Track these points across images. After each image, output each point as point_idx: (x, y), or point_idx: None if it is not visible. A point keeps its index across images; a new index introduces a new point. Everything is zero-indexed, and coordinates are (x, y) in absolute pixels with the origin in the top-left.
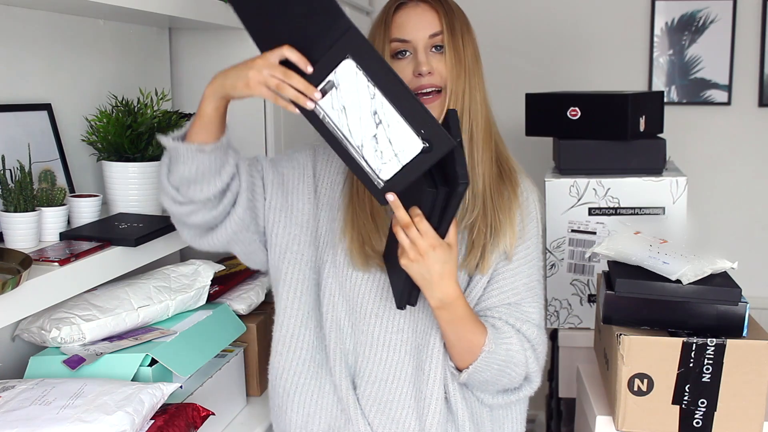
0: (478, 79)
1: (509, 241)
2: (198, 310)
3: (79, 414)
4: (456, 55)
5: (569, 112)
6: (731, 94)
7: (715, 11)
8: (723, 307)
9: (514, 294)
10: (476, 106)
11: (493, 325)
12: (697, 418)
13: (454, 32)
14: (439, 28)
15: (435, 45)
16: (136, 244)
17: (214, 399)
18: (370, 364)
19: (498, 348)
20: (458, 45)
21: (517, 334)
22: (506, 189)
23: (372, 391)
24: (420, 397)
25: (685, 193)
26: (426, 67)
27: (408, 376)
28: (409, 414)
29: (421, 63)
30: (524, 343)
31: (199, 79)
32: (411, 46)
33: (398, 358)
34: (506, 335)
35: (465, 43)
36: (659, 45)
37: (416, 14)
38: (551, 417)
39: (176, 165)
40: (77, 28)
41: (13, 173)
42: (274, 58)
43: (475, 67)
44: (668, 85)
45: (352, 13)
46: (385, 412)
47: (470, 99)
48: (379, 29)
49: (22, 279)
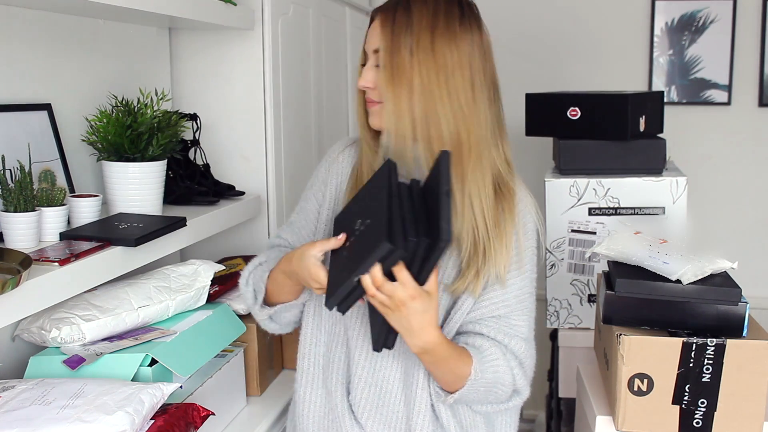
0: (441, 101)
1: (503, 265)
2: (198, 310)
3: (79, 414)
4: (390, 74)
5: (569, 112)
6: (731, 94)
7: (715, 11)
8: (723, 307)
9: (504, 306)
10: (439, 130)
11: (478, 346)
12: (697, 418)
13: (393, 50)
14: (377, 45)
15: (378, 62)
16: (136, 244)
17: (214, 399)
18: (364, 370)
19: (484, 373)
20: (398, 63)
21: (503, 353)
22: (502, 210)
23: (364, 395)
24: (409, 400)
25: (685, 193)
26: (362, 81)
27: (397, 381)
28: (400, 417)
29: (360, 76)
30: (511, 361)
31: (199, 79)
32: (365, 58)
33: (388, 362)
34: (491, 356)
35: (414, 60)
36: (659, 45)
37: (373, 27)
38: (551, 417)
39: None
40: (77, 28)
41: (13, 173)
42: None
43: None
44: (668, 85)
45: (352, 13)
46: (377, 417)
47: (428, 122)
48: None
49: (22, 279)
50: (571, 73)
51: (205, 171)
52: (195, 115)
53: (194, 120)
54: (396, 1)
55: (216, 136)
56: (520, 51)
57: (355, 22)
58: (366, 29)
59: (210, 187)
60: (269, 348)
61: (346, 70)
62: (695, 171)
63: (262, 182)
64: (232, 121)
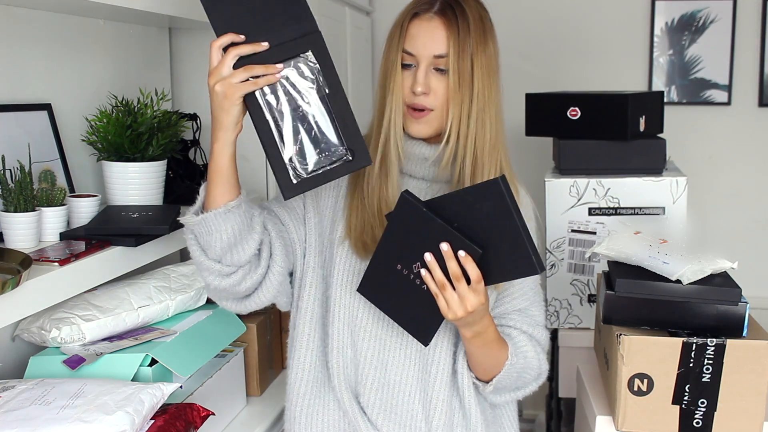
0: (490, 102)
1: None
2: (198, 310)
3: (79, 414)
4: (458, 80)
5: (569, 112)
6: (731, 94)
7: (715, 11)
8: (723, 307)
9: (524, 300)
10: (483, 131)
11: (507, 334)
12: (697, 418)
13: (461, 56)
14: (444, 50)
15: (438, 66)
16: (136, 244)
17: (214, 399)
18: (373, 371)
19: (518, 358)
20: (464, 69)
21: (530, 340)
22: None
23: (377, 397)
24: (426, 399)
25: (685, 193)
26: (421, 87)
27: (413, 380)
28: (417, 416)
29: (417, 82)
30: (537, 347)
31: (199, 79)
32: (415, 60)
33: (402, 361)
34: (522, 344)
35: (475, 65)
36: (659, 45)
37: (427, 29)
38: (551, 417)
39: (210, 238)
40: (77, 28)
41: (13, 173)
42: (226, 70)
43: (488, 88)
44: (668, 85)
45: (352, 13)
46: (392, 417)
47: (477, 124)
48: (395, 35)
49: (22, 279)
50: (571, 73)
51: (205, 171)
52: (195, 115)
53: (194, 120)
54: (445, 2)
55: None
56: (520, 51)
57: (355, 22)
58: (398, 28)
59: None
60: (269, 348)
61: (346, 70)
62: (695, 171)
63: (262, 182)
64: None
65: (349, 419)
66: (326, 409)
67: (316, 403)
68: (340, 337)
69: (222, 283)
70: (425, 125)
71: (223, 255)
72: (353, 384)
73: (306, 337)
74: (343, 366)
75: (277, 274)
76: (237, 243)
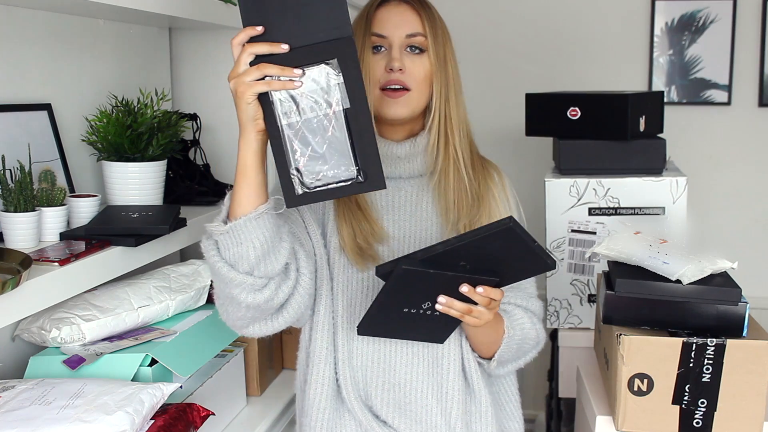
0: (460, 89)
1: None
2: (198, 310)
3: (79, 414)
4: (438, 59)
5: (569, 112)
6: (731, 94)
7: (715, 11)
8: (723, 307)
9: None
10: (458, 114)
11: (504, 311)
12: (697, 418)
13: (436, 38)
14: (418, 30)
15: (411, 45)
16: (136, 244)
17: (214, 399)
18: (381, 373)
19: (515, 331)
20: (440, 51)
21: (526, 312)
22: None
23: (389, 399)
24: (441, 393)
25: (685, 193)
26: (398, 63)
27: (424, 376)
28: (432, 410)
29: (393, 59)
30: (532, 318)
31: (199, 79)
32: (387, 42)
33: (410, 360)
34: (517, 316)
35: (447, 51)
36: (659, 45)
37: (397, 13)
38: (551, 417)
39: (239, 248)
40: (77, 28)
41: (13, 173)
42: (242, 67)
43: (456, 77)
44: (668, 85)
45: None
46: (407, 415)
47: (455, 106)
48: (360, 23)
49: (22, 279)
50: (571, 73)
51: (205, 171)
52: (195, 115)
53: (194, 120)
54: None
55: (216, 136)
56: (520, 51)
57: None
58: (363, 17)
59: (210, 187)
60: (269, 348)
61: None
62: (695, 171)
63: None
64: (232, 121)
65: (364, 429)
66: (342, 420)
67: (334, 416)
68: (345, 347)
69: (257, 298)
70: (403, 107)
71: (256, 266)
72: (363, 392)
73: (324, 352)
74: (350, 375)
75: (308, 280)
76: (268, 253)
